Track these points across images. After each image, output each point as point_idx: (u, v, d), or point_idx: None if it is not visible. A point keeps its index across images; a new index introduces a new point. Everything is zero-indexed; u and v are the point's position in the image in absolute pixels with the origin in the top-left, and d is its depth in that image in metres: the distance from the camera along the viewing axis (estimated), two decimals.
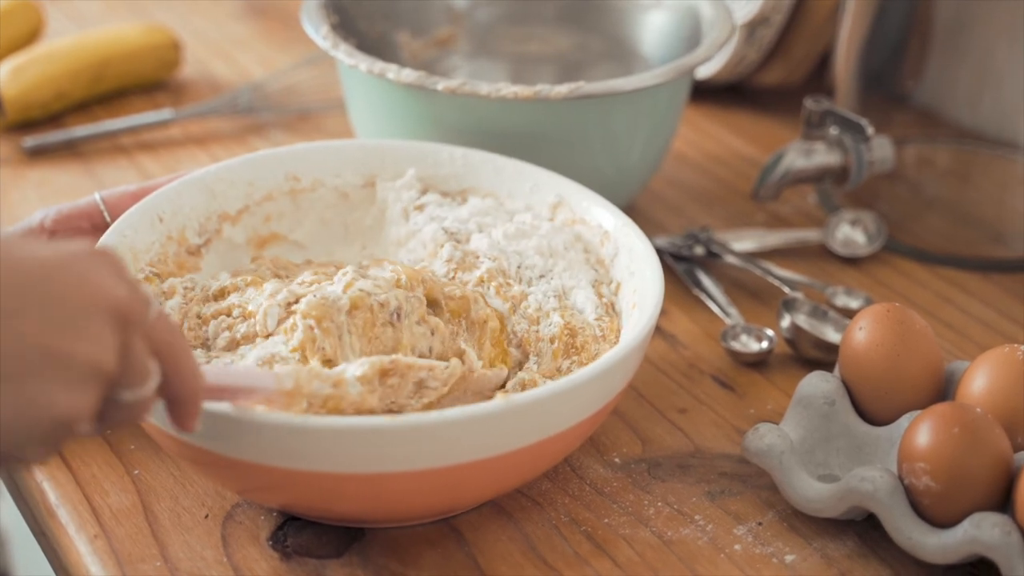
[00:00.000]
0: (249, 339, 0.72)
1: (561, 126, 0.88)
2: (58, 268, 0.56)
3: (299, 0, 1.27)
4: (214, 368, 0.66)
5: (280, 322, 0.72)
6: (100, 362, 0.56)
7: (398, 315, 0.72)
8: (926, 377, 0.75)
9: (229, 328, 0.73)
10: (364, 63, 0.87)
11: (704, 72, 1.09)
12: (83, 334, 0.55)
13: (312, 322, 0.70)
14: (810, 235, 0.96)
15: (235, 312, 0.73)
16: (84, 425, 0.57)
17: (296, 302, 0.72)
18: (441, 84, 0.85)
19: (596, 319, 0.76)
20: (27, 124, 1.07)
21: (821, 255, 0.96)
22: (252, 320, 0.73)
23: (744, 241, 0.95)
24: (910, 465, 0.69)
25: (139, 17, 1.24)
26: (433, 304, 0.74)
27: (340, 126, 1.09)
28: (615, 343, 0.75)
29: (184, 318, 0.74)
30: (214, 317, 0.73)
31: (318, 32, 0.91)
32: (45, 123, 1.08)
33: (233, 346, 0.73)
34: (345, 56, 0.88)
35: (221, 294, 0.75)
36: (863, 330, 0.76)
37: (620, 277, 0.78)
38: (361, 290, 0.72)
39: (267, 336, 0.72)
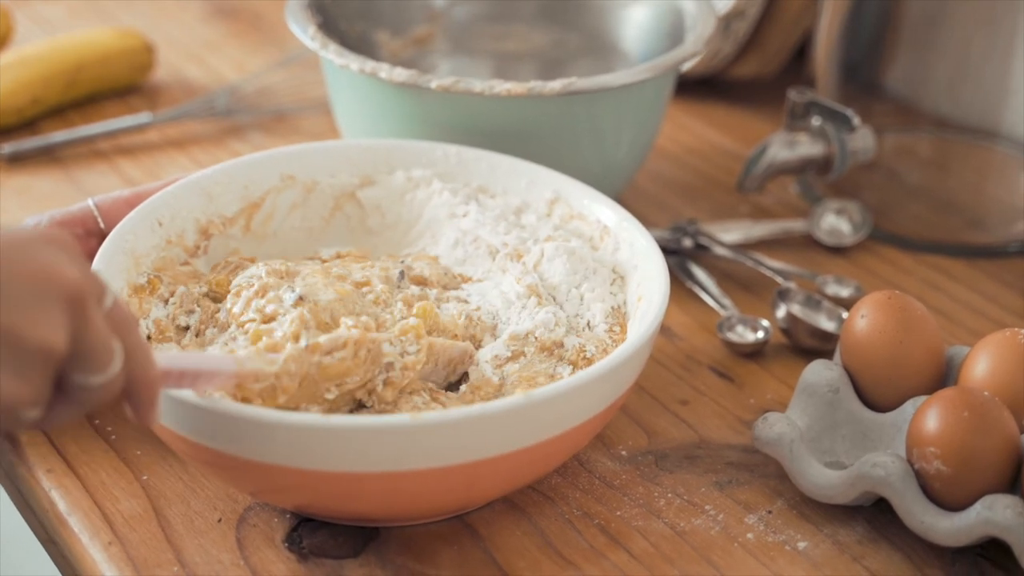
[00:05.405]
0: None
1: (550, 123, 0.89)
2: (10, 250, 0.55)
3: (266, 1, 1.27)
4: (170, 354, 0.66)
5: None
6: (51, 345, 0.55)
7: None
8: (928, 363, 0.76)
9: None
10: (355, 63, 0.87)
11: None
12: (35, 315, 0.55)
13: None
14: (795, 225, 0.97)
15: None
16: (31, 412, 0.56)
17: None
18: (434, 83, 0.85)
19: (601, 351, 0.75)
20: (2, 131, 1.06)
21: (807, 245, 0.97)
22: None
23: (730, 233, 0.96)
24: (920, 450, 0.70)
25: (106, 22, 1.23)
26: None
27: (318, 127, 1.08)
28: None
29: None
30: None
31: (305, 33, 0.91)
32: (19, 129, 1.07)
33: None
34: (335, 56, 0.88)
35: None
36: (865, 318, 0.76)
37: (623, 271, 0.79)
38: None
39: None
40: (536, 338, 0.75)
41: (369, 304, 0.74)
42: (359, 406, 0.71)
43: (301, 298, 0.72)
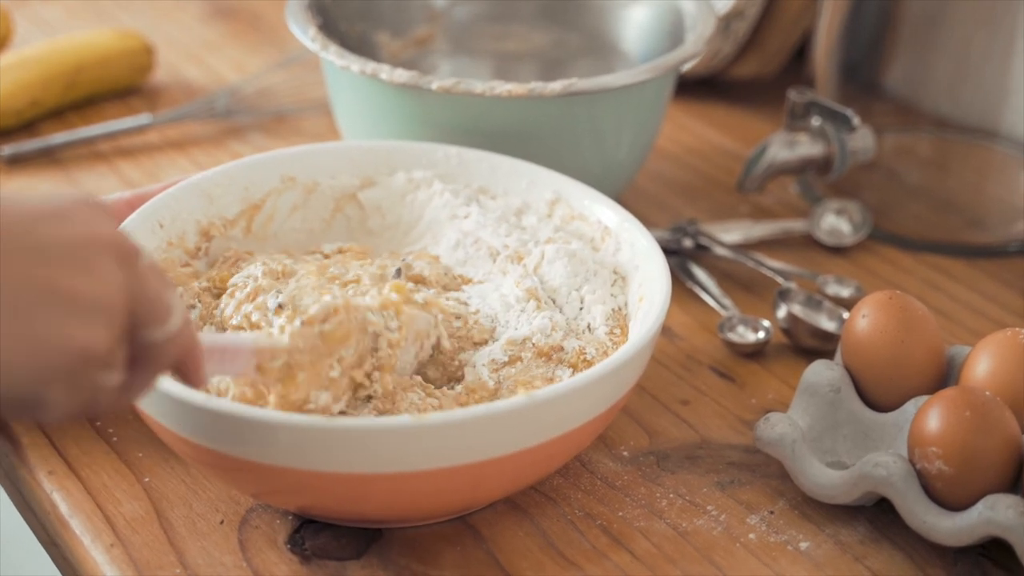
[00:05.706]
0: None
1: (551, 124, 0.89)
2: (53, 212, 0.56)
3: (265, 2, 1.27)
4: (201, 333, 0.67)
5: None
6: (106, 295, 0.56)
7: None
8: (929, 362, 0.76)
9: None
10: (356, 64, 0.87)
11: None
12: (86, 269, 0.55)
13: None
14: (795, 225, 0.97)
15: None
16: (111, 374, 0.57)
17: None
18: (435, 84, 0.85)
19: (601, 354, 0.75)
20: (1, 132, 1.06)
21: (807, 245, 0.97)
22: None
23: (730, 233, 0.96)
24: (922, 450, 0.70)
25: (105, 23, 1.23)
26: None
27: (319, 127, 1.08)
28: None
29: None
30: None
31: (306, 34, 0.91)
32: (19, 131, 1.07)
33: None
34: (336, 57, 0.88)
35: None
36: (866, 318, 0.77)
37: (624, 272, 0.79)
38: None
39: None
40: (533, 344, 0.75)
41: None
42: (361, 395, 0.71)
43: (280, 307, 0.73)
